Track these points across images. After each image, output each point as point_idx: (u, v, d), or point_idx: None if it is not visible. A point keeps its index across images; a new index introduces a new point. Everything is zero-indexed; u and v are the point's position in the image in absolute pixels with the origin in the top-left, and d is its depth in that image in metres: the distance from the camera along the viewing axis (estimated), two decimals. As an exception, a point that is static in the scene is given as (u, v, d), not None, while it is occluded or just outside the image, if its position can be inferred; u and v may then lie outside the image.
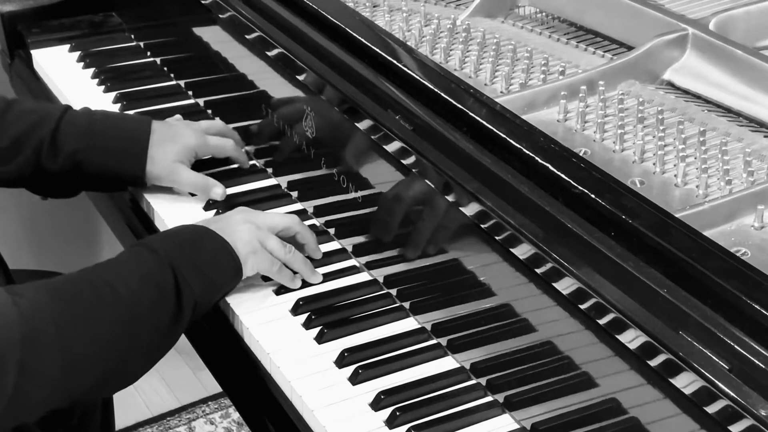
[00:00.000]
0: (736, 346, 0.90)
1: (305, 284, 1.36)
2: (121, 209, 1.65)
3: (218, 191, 1.52)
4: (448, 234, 1.24)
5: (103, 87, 1.85)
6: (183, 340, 1.31)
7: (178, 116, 1.65)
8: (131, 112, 1.74)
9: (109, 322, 1.17)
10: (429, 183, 1.23)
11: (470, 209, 1.17)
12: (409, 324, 1.31)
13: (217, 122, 1.64)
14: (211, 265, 1.27)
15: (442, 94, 1.25)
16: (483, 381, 1.21)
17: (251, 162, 1.63)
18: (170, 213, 1.53)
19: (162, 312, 1.21)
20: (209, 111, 1.77)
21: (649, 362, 0.96)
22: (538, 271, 1.07)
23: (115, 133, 1.52)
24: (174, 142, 1.52)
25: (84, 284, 1.19)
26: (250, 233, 1.31)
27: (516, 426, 1.16)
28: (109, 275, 1.20)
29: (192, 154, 1.54)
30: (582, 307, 1.03)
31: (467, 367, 1.23)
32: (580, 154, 1.17)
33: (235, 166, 1.61)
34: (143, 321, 1.19)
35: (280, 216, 1.38)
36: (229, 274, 1.30)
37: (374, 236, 1.38)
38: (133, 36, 2.01)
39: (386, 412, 1.17)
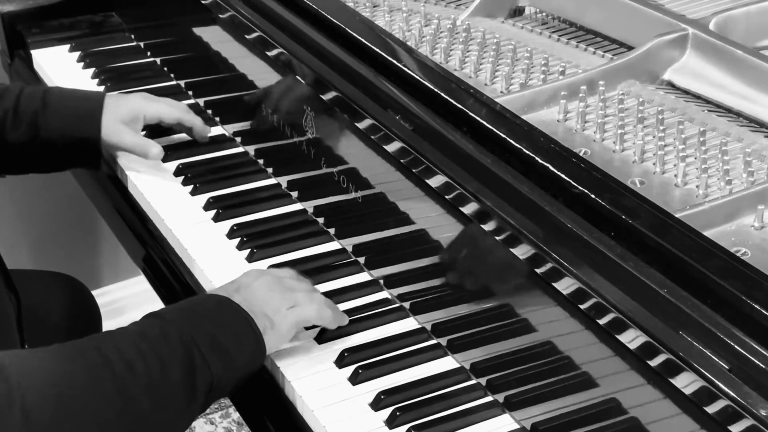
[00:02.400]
0: (736, 346, 0.90)
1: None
2: (121, 209, 1.65)
3: (154, 151, 1.57)
4: (448, 234, 1.24)
5: (103, 87, 1.85)
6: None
7: None
8: (131, 112, 1.75)
9: (96, 407, 1.05)
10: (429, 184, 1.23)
11: (470, 209, 1.17)
12: (409, 324, 1.31)
13: (180, 104, 1.68)
14: (233, 344, 1.15)
15: (442, 94, 1.25)
16: (483, 381, 1.21)
17: (251, 162, 1.63)
18: (170, 212, 1.53)
19: (166, 392, 1.09)
20: (209, 111, 1.77)
21: (649, 362, 0.96)
22: (538, 271, 1.07)
23: (71, 98, 1.60)
24: (120, 105, 1.59)
25: (74, 363, 1.07)
26: (276, 299, 1.21)
27: (516, 426, 1.16)
28: (108, 350, 1.08)
29: (138, 116, 1.60)
30: (582, 307, 1.03)
31: (467, 367, 1.23)
32: (580, 154, 1.17)
33: (239, 164, 1.62)
34: (139, 404, 1.07)
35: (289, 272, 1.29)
36: (249, 355, 1.17)
37: (375, 237, 1.38)
38: (133, 36, 2.01)
39: (386, 412, 1.17)
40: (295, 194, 1.55)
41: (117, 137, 1.57)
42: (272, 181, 1.60)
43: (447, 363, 1.25)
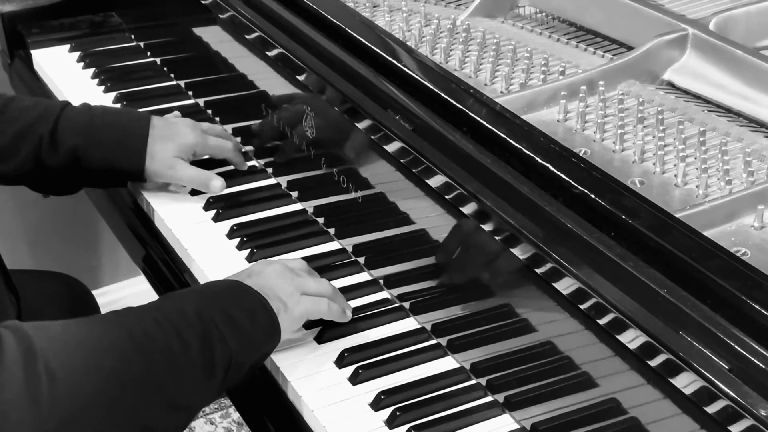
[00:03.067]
0: (736, 346, 0.90)
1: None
2: (122, 209, 1.65)
3: (217, 184, 1.52)
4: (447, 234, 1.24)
5: (103, 87, 1.85)
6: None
7: (176, 113, 1.65)
8: (131, 112, 1.75)
9: (117, 367, 1.06)
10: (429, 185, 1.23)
11: (470, 209, 1.17)
12: (409, 324, 1.31)
13: (217, 126, 1.65)
14: (249, 322, 1.17)
15: (442, 94, 1.25)
16: (483, 381, 1.21)
17: (250, 163, 1.63)
18: (170, 212, 1.53)
19: (185, 363, 1.10)
20: (209, 111, 1.77)
21: (649, 362, 0.96)
22: (538, 271, 1.07)
23: (114, 129, 1.52)
24: (173, 139, 1.52)
25: (94, 328, 1.09)
26: (288, 283, 1.24)
27: (516, 426, 1.16)
28: (128, 319, 1.11)
29: (191, 151, 1.54)
30: (582, 307, 1.03)
31: (467, 367, 1.23)
32: (580, 154, 1.17)
33: (232, 167, 1.61)
34: (160, 371, 1.08)
35: (300, 263, 1.32)
36: (266, 333, 1.20)
37: (375, 237, 1.38)
38: (133, 36, 2.01)
39: (386, 412, 1.17)
40: (295, 194, 1.55)
41: (172, 172, 1.52)
42: (272, 181, 1.60)
43: (447, 363, 1.25)
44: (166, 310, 1.13)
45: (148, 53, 1.96)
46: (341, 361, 1.24)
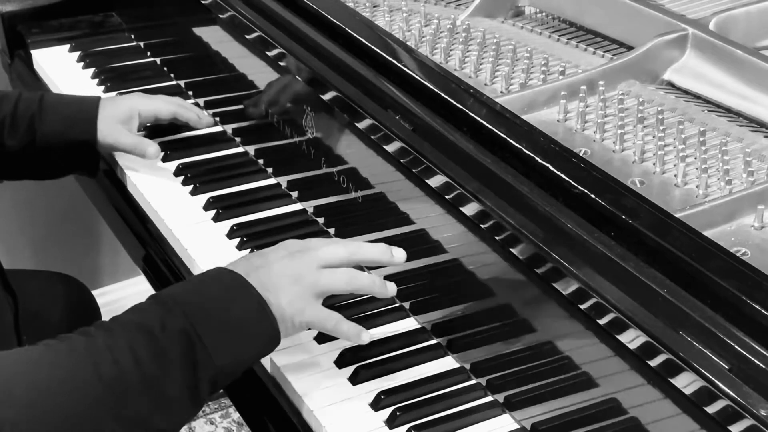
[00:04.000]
0: (736, 346, 0.90)
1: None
2: (122, 210, 1.65)
3: (152, 150, 1.57)
4: (448, 234, 1.24)
5: (103, 87, 1.86)
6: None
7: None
8: (131, 112, 1.75)
9: (77, 399, 1.01)
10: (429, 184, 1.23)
11: (470, 209, 1.17)
12: (409, 324, 1.30)
13: (175, 97, 1.70)
14: (242, 333, 1.10)
15: (442, 94, 1.25)
16: (483, 381, 1.21)
17: (251, 161, 1.63)
18: (170, 212, 1.53)
19: (162, 386, 1.04)
20: (209, 111, 1.77)
21: (649, 362, 0.96)
22: (538, 271, 1.07)
23: (66, 102, 1.60)
24: (116, 105, 1.60)
25: (60, 356, 1.03)
26: (295, 286, 1.14)
27: (516, 426, 1.16)
28: (99, 345, 1.04)
29: (132, 114, 1.60)
30: (582, 307, 1.03)
31: (467, 367, 1.23)
32: (580, 154, 1.17)
33: (239, 164, 1.63)
34: (129, 397, 1.02)
35: (334, 246, 1.19)
36: (261, 344, 1.12)
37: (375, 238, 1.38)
38: (133, 36, 2.01)
39: (386, 412, 1.17)
40: (295, 194, 1.55)
41: (113, 138, 1.57)
42: (272, 181, 1.60)
43: (447, 363, 1.25)
44: (149, 331, 1.05)
45: (148, 53, 1.96)
46: (341, 361, 1.24)
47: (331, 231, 1.46)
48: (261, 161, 1.63)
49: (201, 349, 1.06)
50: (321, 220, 1.49)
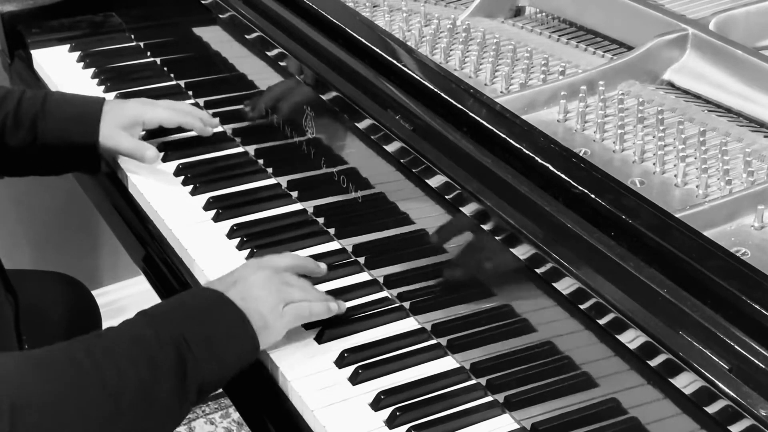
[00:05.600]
0: (736, 346, 0.90)
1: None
2: (122, 210, 1.65)
3: (151, 154, 1.57)
4: (448, 234, 1.24)
5: (103, 87, 1.86)
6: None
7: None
8: (131, 112, 1.75)
9: (85, 411, 1.05)
10: (429, 184, 1.23)
11: (470, 209, 1.17)
12: (409, 324, 1.31)
13: (179, 102, 1.69)
14: (226, 343, 1.16)
15: (442, 94, 1.25)
16: (483, 381, 1.21)
17: (250, 161, 1.63)
18: (170, 212, 1.53)
19: (158, 395, 1.09)
20: (209, 111, 1.77)
21: (649, 362, 0.96)
22: (538, 271, 1.07)
23: (70, 104, 1.60)
24: (119, 110, 1.59)
25: (63, 366, 1.07)
26: (271, 297, 1.22)
27: (516, 426, 1.16)
28: (98, 354, 1.08)
29: (136, 121, 1.60)
30: (582, 307, 1.03)
31: (467, 367, 1.23)
32: (580, 154, 1.17)
33: (239, 164, 1.63)
34: (129, 407, 1.07)
35: (289, 257, 1.32)
36: (244, 352, 1.19)
37: (375, 237, 1.38)
38: (133, 36, 2.01)
39: (386, 412, 1.17)
40: (295, 194, 1.55)
41: (114, 142, 1.57)
42: (272, 181, 1.60)
43: (447, 363, 1.25)
44: (142, 341, 1.11)
45: (148, 53, 1.96)
46: (341, 361, 1.24)
47: (331, 231, 1.46)
48: (261, 161, 1.63)
49: (191, 359, 1.12)
50: (321, 220, 1.49)
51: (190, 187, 1.58)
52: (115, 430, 1.07)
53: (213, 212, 1.52)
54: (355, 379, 1.22)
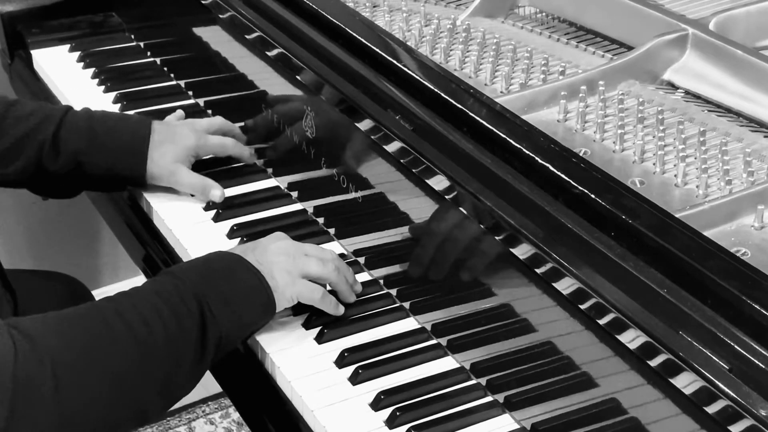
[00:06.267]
0: (736, 346, 0.90)
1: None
2: (121, 209, 1.65)
3: (216, 193, 1.52)
4: (447, 234, 1.24)
5: (103, 87, 1.86)
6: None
7: (180, 113, 1.66)
8: (131, 112, 1.74)
9: (118, 361, 1.10)
10: (428, 184, 1.23)
11: (470, 209, 1.17)
12: (409, 324, 1.31)
13: (217, 119, 1.64)
14: (243, 301, 1.21)
15: (442, 94, 1.25)
16: (483, 381, 1.21)
17: (256, 158, 1.63)
18: (170, 212, 1.53)
19: (182, 347, 1.14)
20: (209, 111, 1.77)
21: (649, 362, 0.96)
22: (538, 271, 1.07)
23: (115, 134, 1.52)
24: (173, 142, 1.53)
25: (94, 321, 1.12)
26: (288, 262, 1.26)
27: (516, 426, 1.16)
28: (126, 307, 1.13)
29: (192, 153, 1.55)
30: (582, 307, 1.03)
31: (467, 367, 1.23)
32: (580, 154, 1.17)
33: (239, 164, 1.62)
34: (157, 358, 1.13)
35: (320, 251, 1.31)
36: (260, 311, 1.24)
37: (375, 238, 1.38)
38: (133, 36, 2.01)
39: (386, 412, 1.17)
40: (295, 194, 1.55)
41: (173, 178, 1.53)
42: (272, 181, 1.60)
43: (447, 363, 1.25)
44: (166, 294, 1.16)
45: (148, 53, 1.96)
46: (341, 361, 1.24)
47: (331, 231, 1.46)
48: (261, 161, 1.63)
49: (209, 313, 1.16)
50: (321, 220, 1.49)
51: (190, 187, 1.58)
52: (147, 381, 1.12)
53: (213, 212, 1.52)
54: (355, 379, 1.22)
